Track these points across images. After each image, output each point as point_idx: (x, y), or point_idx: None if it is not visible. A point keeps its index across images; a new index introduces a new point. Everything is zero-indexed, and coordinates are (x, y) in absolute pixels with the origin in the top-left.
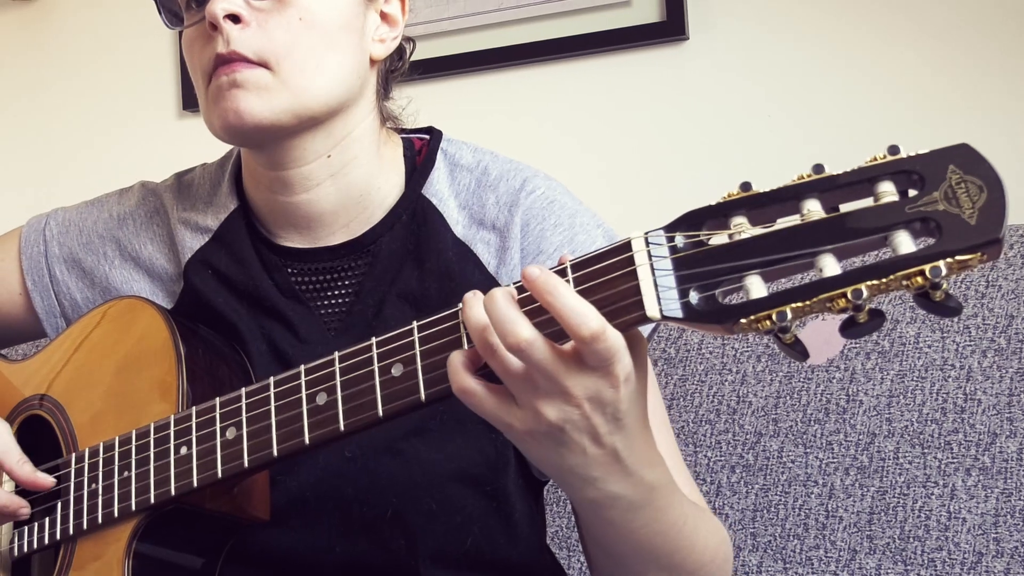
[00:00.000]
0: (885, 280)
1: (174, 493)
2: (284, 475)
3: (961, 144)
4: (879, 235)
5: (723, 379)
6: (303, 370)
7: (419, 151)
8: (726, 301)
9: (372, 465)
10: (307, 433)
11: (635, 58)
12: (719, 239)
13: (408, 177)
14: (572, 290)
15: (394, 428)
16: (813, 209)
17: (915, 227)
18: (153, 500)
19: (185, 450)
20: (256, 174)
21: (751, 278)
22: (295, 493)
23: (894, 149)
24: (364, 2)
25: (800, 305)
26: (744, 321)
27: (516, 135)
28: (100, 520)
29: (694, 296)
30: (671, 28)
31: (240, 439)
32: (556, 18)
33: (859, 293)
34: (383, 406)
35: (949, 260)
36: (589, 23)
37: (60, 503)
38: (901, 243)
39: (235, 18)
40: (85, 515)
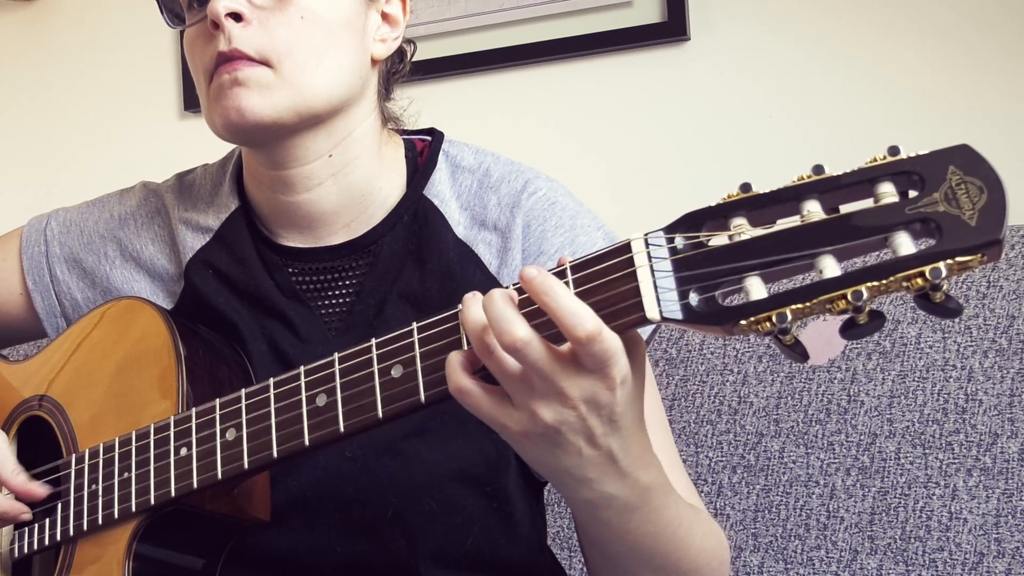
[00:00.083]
0: (885, 281)
1: (174, 494)
2: (285, 475)
3: (961, 145)
4: (879, 236)
5: (724, 379)
6: (303, 371)
7: (421, 152)
8: (726, 302)
9: (372, 465)
10: (307, 434)
11: (636, 58)
12: (719, 240)
13: (410, 178)
14: (569, 291)
15: (395, 428)
16: (813, 210)
17: (915, 228)
18: (153, 501)
19: (185, 451)
20: (257, 174)
21: (751, 279)
22: (295, 493)
23: (894, 150)
24: (365, 2)
25: (800, 306)
26: (744, 323)
27: (517, 135)
28: (100, 521)
29: (694, 297)
30: (672, 29)
31: (240, 440)
32: (557, 19)
33: (859, 294)
34: (383, 407)
35: (949, 261)
36: (590, 23)
37: (60, 504)
38: (901, 244)
39: (237, 16)
40: (85, 516)
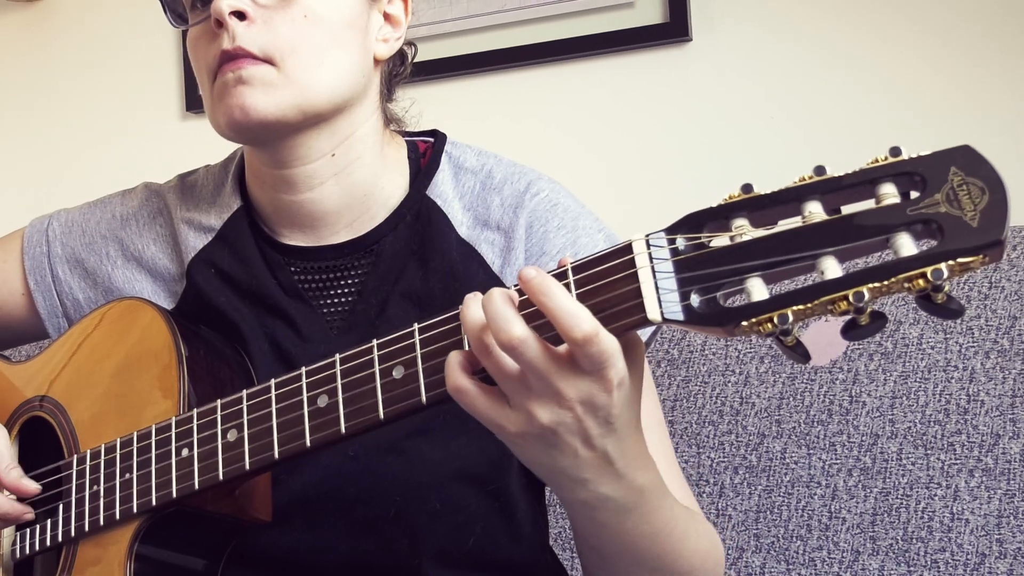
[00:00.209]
0: (887, 282)
1: (175, 495)
2: (287, 475)
3: (963, 146)
4: (881, 237)
5: (726, 380)
6: (304, 372)
7: (423, 153)
8: (727, 303)
9: (375, 464)
10: (308, 435)
11: (638, 59)
12: (720, 241)
13: (412, 179)
14: (566, 292)
15: (397, 428)
16: (815, 211)
17: (917, 229)
18: (154, 502)
19: (186, 452)
20: (260, 174)
21: (752, 280)
22: (298, 493)
23: (896, 151)
24: (368, 2)
25: (802, 307)
26: (745, 324)
27: (519, 136)
28: (101, 522)
29: (695, 298)
30: (674, 29)
31: (241, 441)
32: (559, 19)
33: (860, 295)
34: (384, 408)
35: (951, 262)
36: (592, 24)
37: (62, 505)
38: (903, 245)
39: (241, 15)
40: (86, 517)
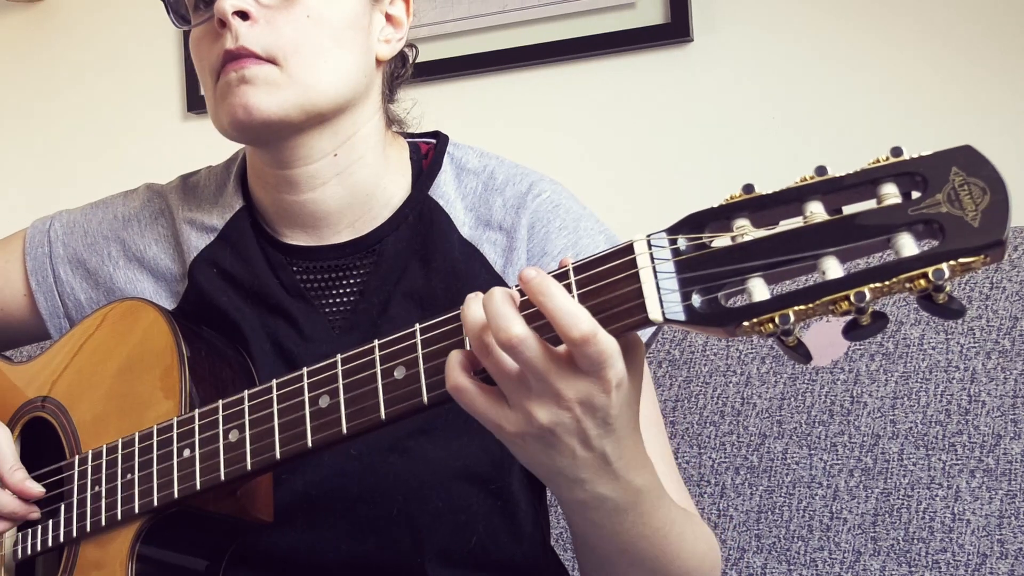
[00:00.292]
0: (888, 283)
1: (177, 495)
2: (289, 474)
3: (964, 146)
4: (882, 237)
5: (727, 381)
6: (306, 372)
7: (425, 155)
8: (729, 304)
9: (378, 463)
10: (310, 436)
11: (639, 60)
12: (722, 241)
13: (414, 179)
14: (565, 292)
15: (399, 427)
16: (816, 211)
17: (918, 229)
18: (156, 503)
19: (188, 452)
20: (262, 174)
21: (754, 280)
22: (300, 492)
23: (897, 151)
24: (370, 3)
25: (803, 308)
26: (747, 324)
27: (520, 136)
28: (103, 522)
29: (696, 299)
30: (675, 30)
31: (243, 442)
32: (560, 20)
33: (862, 296)
34: (386, 409)
35: (952, 262)
36: (593, 25)
37: (63, 505)
38: (904, 245)
39: (244, 15)
40: (88, 517)
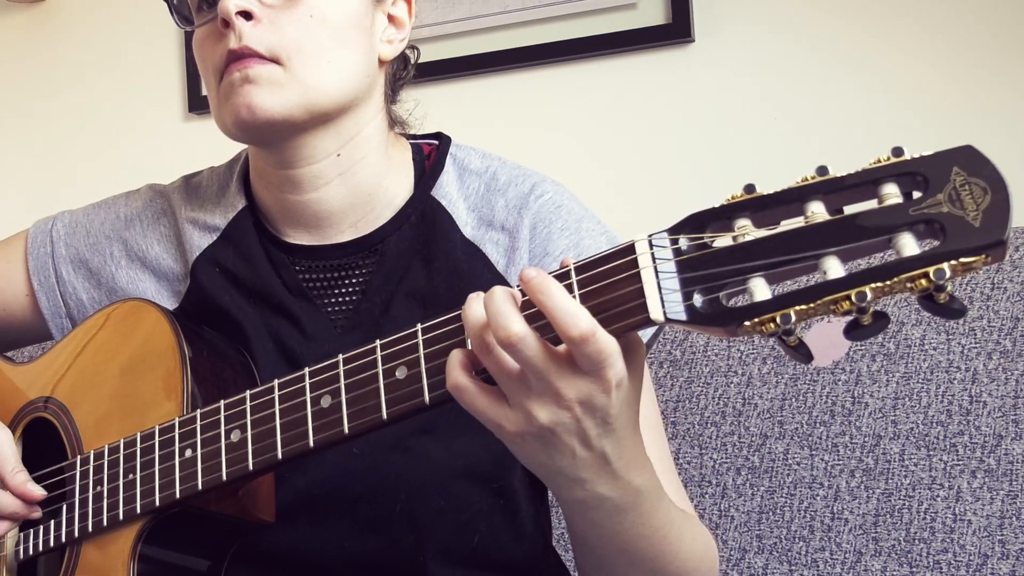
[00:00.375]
0: (889, 282)
1: (179, 496)
2: (292, 472)
3: (965, 146)
4: (883, 237)
5: (729, 381)
6: (307, 372)
7: (428, 156)
8: (730, 304)
9: (380, 462)
10: (312, 436)
11: (640, 60)
12: (723, 241)
13: (417, 180)
14: (565, 291)
15: (401, 426)
16: (817, 211)
17: (919, 229)
18: (158, 503)
19: (190, 452)
20: (265, 174)
21: (755, 280)
22: (303, 491)
23: (898, 151)
24: (372, 3)
25: (804, 308)
26: (748, 324)
27: (521, 136)
28: (105, 523)
29: (698, 298)
30: (677, 30)
31: (245, 442)
32: (561, 20)
33: (863, 295)
34: (387, 409)
35: (953, 262)
36: (594, 25)
37: (65, 506)
38: (905, 245)
39: (247, 15)
40: (90, 518)
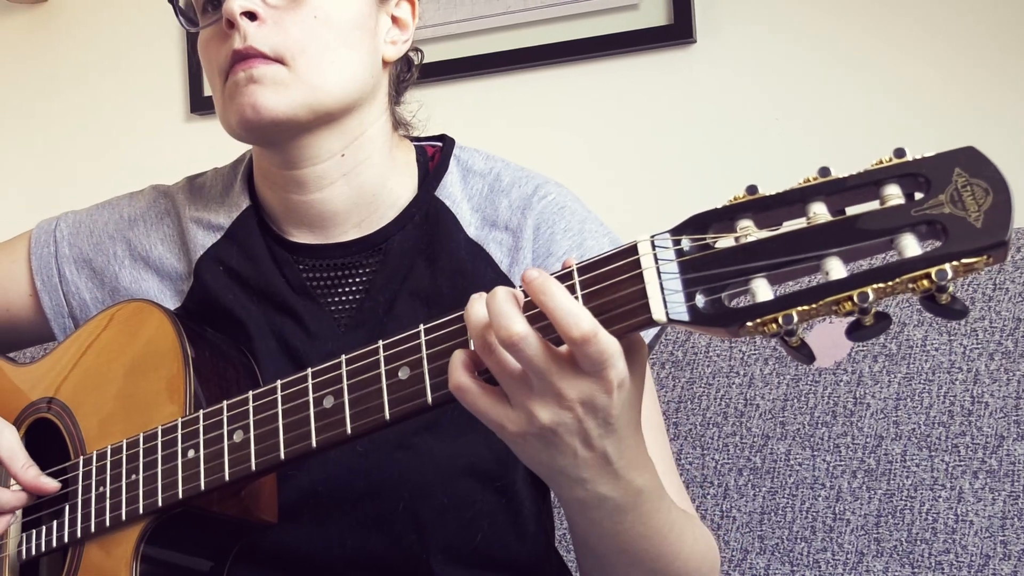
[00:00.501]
0: (891, 283)
1: (181, 496)
2: (295, 471)
3: (967, 147)
4: (885, 238)
5: (730, 382)
6: (310, 373)
7: (432, 157)
8: (732, 304)
9: (383, 460)
10: (314, 436)
11: (642, 61)
12: (725, 242)
13: (421, 181)
14: (566, 292)
15: (405, 424)
16: (819, 212)
17: (921, 230)
18: (160, 503)
19: (192, 453)
20: (269, 174)
21: (757, 281)
22: (306, 489)
23: (900, 152)
24: (376, 4)
25: (806, 308)
26: (750, 324)
27: (522, 137)
28: (108, 523)
29: (700, 299)
30: (678, 31)
31: (247, 442)
32: (563, 21)
33: (865, 296)
34: (390, 409)
35: (955, 263)
36: (596, 26)
37: (68, 506)
38: (907, 246)
39: (252, 15)
40: (93, 518)
